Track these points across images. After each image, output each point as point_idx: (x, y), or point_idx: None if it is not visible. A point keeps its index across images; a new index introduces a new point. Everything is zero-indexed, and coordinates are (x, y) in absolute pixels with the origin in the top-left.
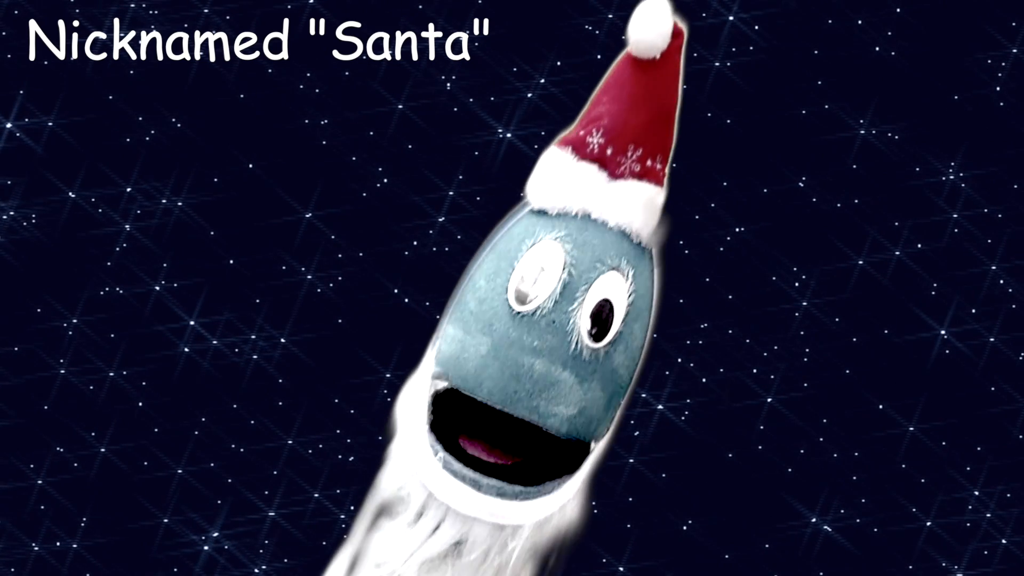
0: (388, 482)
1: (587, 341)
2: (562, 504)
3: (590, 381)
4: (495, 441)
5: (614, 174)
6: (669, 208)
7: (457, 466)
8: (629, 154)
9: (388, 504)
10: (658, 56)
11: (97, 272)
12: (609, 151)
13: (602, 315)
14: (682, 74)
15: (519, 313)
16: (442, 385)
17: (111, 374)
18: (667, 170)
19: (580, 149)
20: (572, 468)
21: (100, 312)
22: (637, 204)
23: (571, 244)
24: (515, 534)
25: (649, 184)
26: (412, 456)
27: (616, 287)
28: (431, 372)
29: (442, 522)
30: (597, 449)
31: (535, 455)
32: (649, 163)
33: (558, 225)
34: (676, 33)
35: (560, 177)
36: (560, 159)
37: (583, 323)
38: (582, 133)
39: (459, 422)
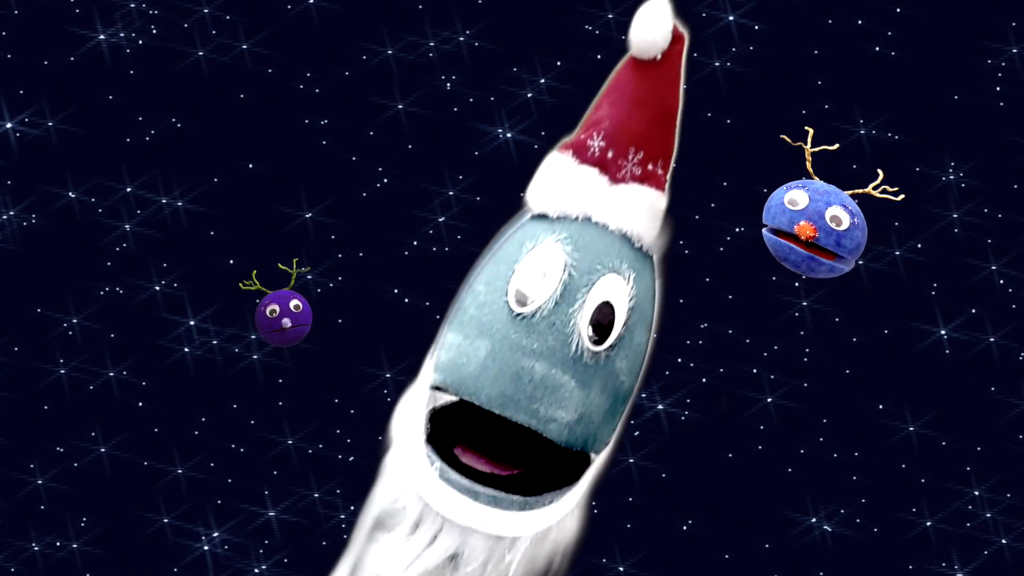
0: (383, 495)
1: (588, 344)
2: (560, 517)
3: (591, 386)
4: (494, 453)
5: (615, 178)
6: (670, 207)
7: (454, 476)
8: (630, 157)
9: (384, 517)
10: (659, 57)
11: (97, 272)
12: (610, 154)
13: (603, 318)
14: (683, 79)
15: (519, 315)
16: (441, 399)
17: (111, 374)
18: (669, 175)
19: (581, 153)
20: (572, 479)
21: (100, 312)
22: (638, 208)
23: (572, 246)
24: (513, 546)
25: (650, 188)
26: (408, 468)
27: (617, 289)
28: (429, 383)
29: (439, 533)
30: (598, 461)
31: (535, 465)
32: (650, 167)
33: (558, 228)
34: (677, 38)
35: (561, 181)
36: (561, 163)
37: (584, 325)
38: (583, 137)
39: (457, 433)
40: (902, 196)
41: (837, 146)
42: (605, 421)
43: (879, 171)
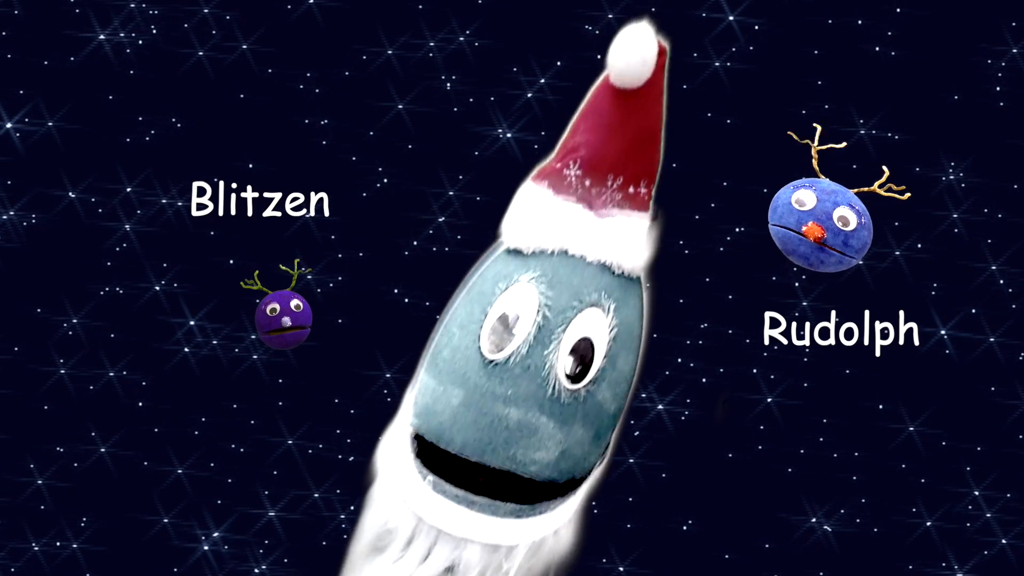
0: (373, 520)
1: (566, 383)
2: (556, 528)
3: (571, 423)
4: (479, 489)
5: (593, 207)
6: (670, 207)
7: (447, 486)
8: (609, 184)
9: (376, 540)
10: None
11: (97, 272)
12: (588, 183)
13: (581, 356)
14: (666, 90)
15: (492, 362)
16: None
17: (111, 374)
18: (653, 191)
19: (557, 183)
20: (564, 493)
21: (100, 312)
22: (618, 236)
23: (546, 285)
24: (510, 555)
25: (632, 212)
26: (398, 487)
27: (596, 324)
28: (409, 419)
29: (433, 546)
30: (590, 479)
31: (520, 499)
32: (631, 189)
33: (533, 265)
34: (659, 52)
35: (536, 215)
36: (537, 195)
37: (561, 365)
38: (559, 165)
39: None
40: (908, 195)
41: (844, 144)
42: (591, 448)
43: (884, 169)
